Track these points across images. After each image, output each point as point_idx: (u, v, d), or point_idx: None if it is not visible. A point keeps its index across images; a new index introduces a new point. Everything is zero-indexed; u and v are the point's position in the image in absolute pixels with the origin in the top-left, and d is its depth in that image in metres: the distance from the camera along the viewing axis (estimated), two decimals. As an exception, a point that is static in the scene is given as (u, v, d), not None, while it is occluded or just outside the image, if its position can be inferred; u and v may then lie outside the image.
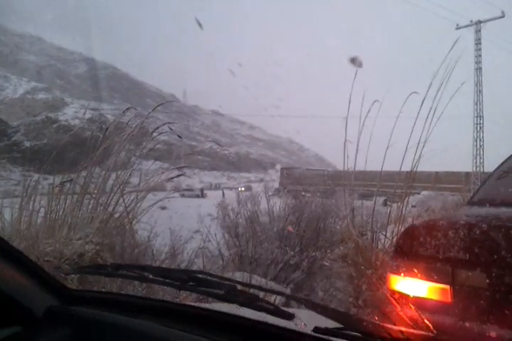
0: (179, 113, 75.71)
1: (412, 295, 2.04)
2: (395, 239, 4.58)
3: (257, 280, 3.72)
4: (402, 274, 2.12)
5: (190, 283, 1.10)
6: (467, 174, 29.84)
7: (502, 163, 3.07)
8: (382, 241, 4.76)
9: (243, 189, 44.80)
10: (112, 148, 4.09)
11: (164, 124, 4.45)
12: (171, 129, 4.31)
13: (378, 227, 4.88)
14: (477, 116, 29.43)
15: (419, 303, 1.97)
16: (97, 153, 3.91)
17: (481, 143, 29.46)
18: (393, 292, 2.16)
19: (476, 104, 29.21)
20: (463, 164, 28.74)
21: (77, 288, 2.31)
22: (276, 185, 43.49)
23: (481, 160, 29.37)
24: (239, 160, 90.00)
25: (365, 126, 4.65)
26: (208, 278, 1.12)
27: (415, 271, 2.05)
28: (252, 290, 1.13)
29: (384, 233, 4.85)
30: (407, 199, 5.16)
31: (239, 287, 1.08)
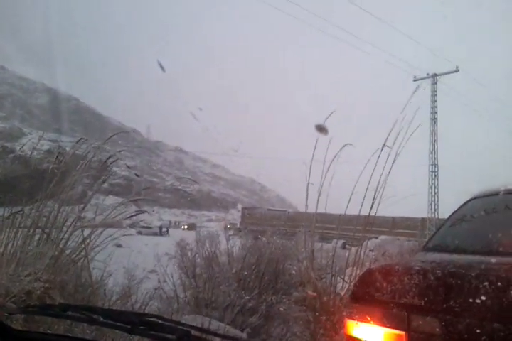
0: (141, 148, 75.06)
1: None
2: (352, 283, 4.58)
3: (213, 324, 3.58)
4: (358, 319, 2.09)
5: (141, 327, 1.04)
6: (423, 220, 30.77)
7: (455, 211, 3.14)
8: (341, 284, 4.75)
9: (186, 227, 44.02)
10: (67, 181, 3.96)
11: (119, 151, 4.37)
12: (128, 167, 4.23)
13: (337, 270, 4.88)
14: (432, 164, 30.78)
15: None
16: (51, 186, 3.78)
17: (436, 191, 30.64)
18: (350, 338, 2.13)
19: (432, 152, 30.63)
20: (419, 210, 29.64)
21: (22, 329, 2.15)
22: (238, 224, 43.22)
23: (436, 207, 30.40)
24: (200, 198, 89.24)
25: (326, 170, 4.76)
26: (160, 321, 1.07)
27: (371, 316, 2.04)
28: (206, 336, 1.09)
29: (342, 276, 4.85)
30: (365, 243, 5.23)
31: (193, 332, 1.03)
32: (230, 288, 4.43)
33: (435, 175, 30.72)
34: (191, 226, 46.96)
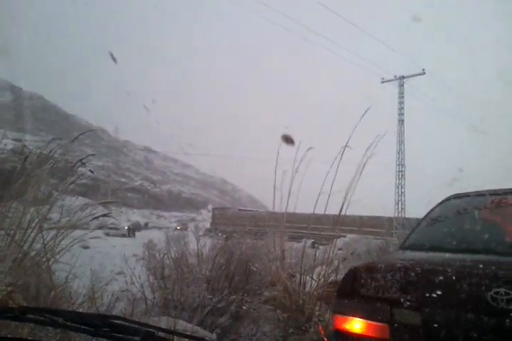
0: (109, 148, 73.46)
1: (354, 333, 2.20)
2: (321, 282, 4.64)
3: (181, 325, 3.54)
4: (344, 314, 2.27)
5: (105, 329, 1.02)
6: (389, 219, 31.43)
7: (430, 211, 3.29)
8: (310, 283, 4.80)
9: (131, 227, 41.05)
10: (32, 181, 3.84)
11: (88, 156, 4.29)
12: (83, 163, 4.12)
13: (306, 269, 4.93)
14: (399, 164, 31.44)
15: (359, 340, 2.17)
16: (16, 186, 3.66)
17: (403, 190, 31.31)
18: (337, 331, 2.31)
19: (399, 153, 31.29)
20: (386, 209, 30.22)
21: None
22: (208, 224, 43.00)
23: (403, 206, 31.05)
24: (170, 198, 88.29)
25: (296, 171, 4.80)
26: (125, 323, 1.04)
27: (356, 310, 2.22)
28: (172, 337, 1.07)
29: (311, 275, 4.90)
30: (334, 242, 5.30)
31: (159, 333, 1.02)
32: (200, 289, 4.40)
33: (402, 175, 31.40)
34: (136, 226, 42.01)
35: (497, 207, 2.95)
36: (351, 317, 2.22)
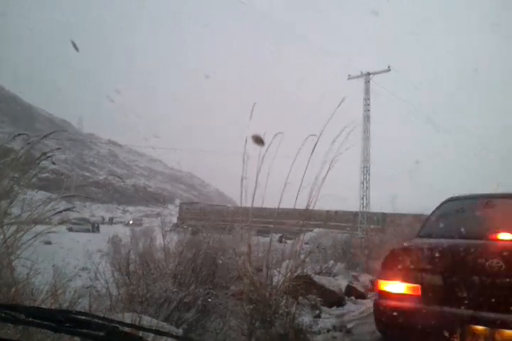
0: (72, 140, 71.10)
1: (395, 293, 3.28)
2: (288, 275, 4.69)
3: (147, 320, 3.50)
4: (387, 279, 3.36)
5: (68, 325, 0.99)
6: (355, 213, 32.04)
7: (435, 209, 4.37)
8: (277, 277, 4.83)
9: (94, 222, 37.64)
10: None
11: (54, 150, 4.16)
12: (47, 156, 4.00)
13: (273, 263, 4.96)
14: (364, 160, 31.99)
15: (400, 297, 3.24)
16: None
17: (367, 185, 31.92)
18: (381, 292, 3.39)
19: (364, 149, 31.82)
20: (348, 202, 30.76)
21: None
22: (175, 219, 42.61)
23: (367, 201, 31.67)
24: (136, 193, 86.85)
25: (264, 165, 4.80)
26: (88, 318, 1.02)
27: (397, 276, 3.27)
28: (136, 331, 1.06)
29: (278, 269, 4.93)
30: (301, 236, 5.36)
31: (125, 328, 1.00)
32: (167, 284, 4.36)
33: (367, 171, 31.99)
34: (95, 222, 38.75)
35: (487, 206, 4.01)
36: (393, 281, 3.29)
